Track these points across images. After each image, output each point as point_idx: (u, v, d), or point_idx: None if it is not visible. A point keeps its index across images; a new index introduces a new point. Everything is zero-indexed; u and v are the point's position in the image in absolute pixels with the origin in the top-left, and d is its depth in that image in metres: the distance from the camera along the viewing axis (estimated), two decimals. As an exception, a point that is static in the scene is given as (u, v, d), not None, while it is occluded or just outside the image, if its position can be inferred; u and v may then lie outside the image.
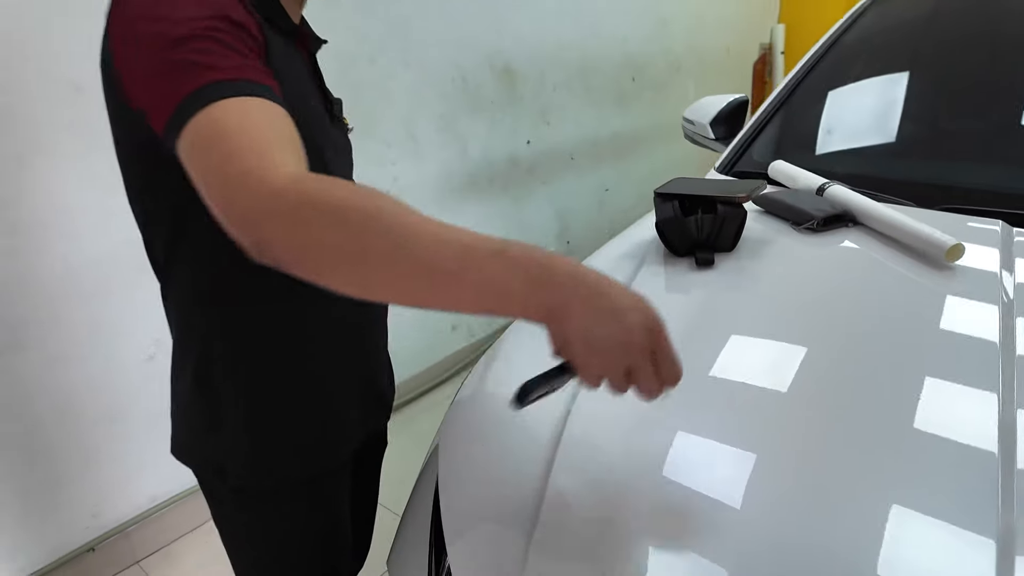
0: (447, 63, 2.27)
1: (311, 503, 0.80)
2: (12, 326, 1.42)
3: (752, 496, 0.58)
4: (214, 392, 0.73)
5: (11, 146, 1.35)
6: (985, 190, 1.03)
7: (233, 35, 0.55)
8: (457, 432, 0.82)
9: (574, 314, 0.45)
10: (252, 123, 0.50)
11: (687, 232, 0.93)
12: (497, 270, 0.45)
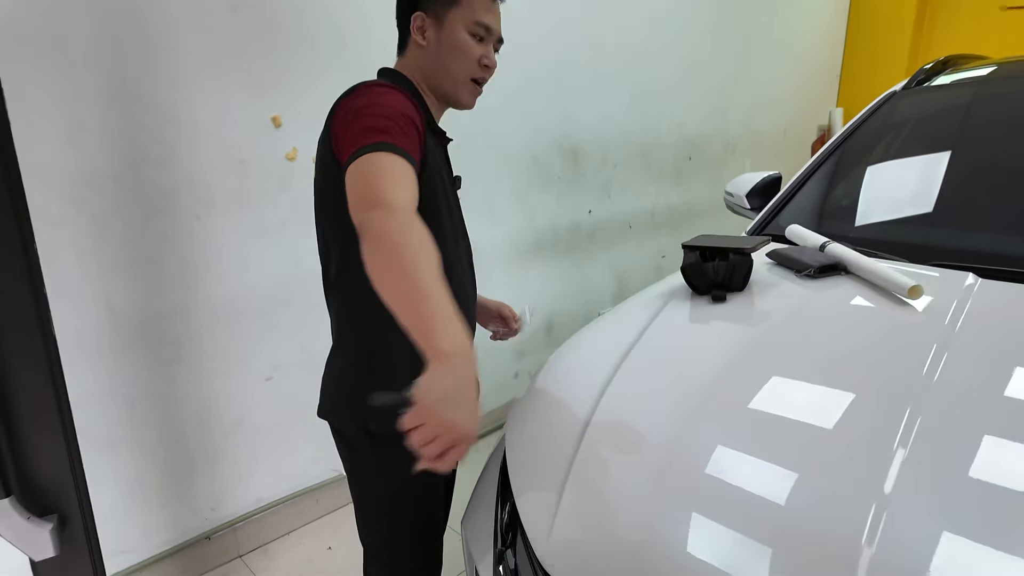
0: (522, 146, 2.66)
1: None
2: (177, 342, 1.81)
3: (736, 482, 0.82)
4: (367, 366, 1.03)
5: (191, 205, 1.78)
6: (961, 250, 1.25)
7: (408, 126, 0.90)
8: (518, 418, 1.10)
9: (443, 393, 0.65)
10: (393, 166, 0.83)
11: (706, 275, 1.20)
12: (410, 305, 0.72)
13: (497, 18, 1.10)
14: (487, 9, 1.07)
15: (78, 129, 1.55)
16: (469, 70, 1.07)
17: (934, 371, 0.87)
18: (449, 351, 0.68)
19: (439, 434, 0.65)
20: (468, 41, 1.06)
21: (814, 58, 4.72)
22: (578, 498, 0.83)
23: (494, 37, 1.10)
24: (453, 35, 1.05)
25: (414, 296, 0.72)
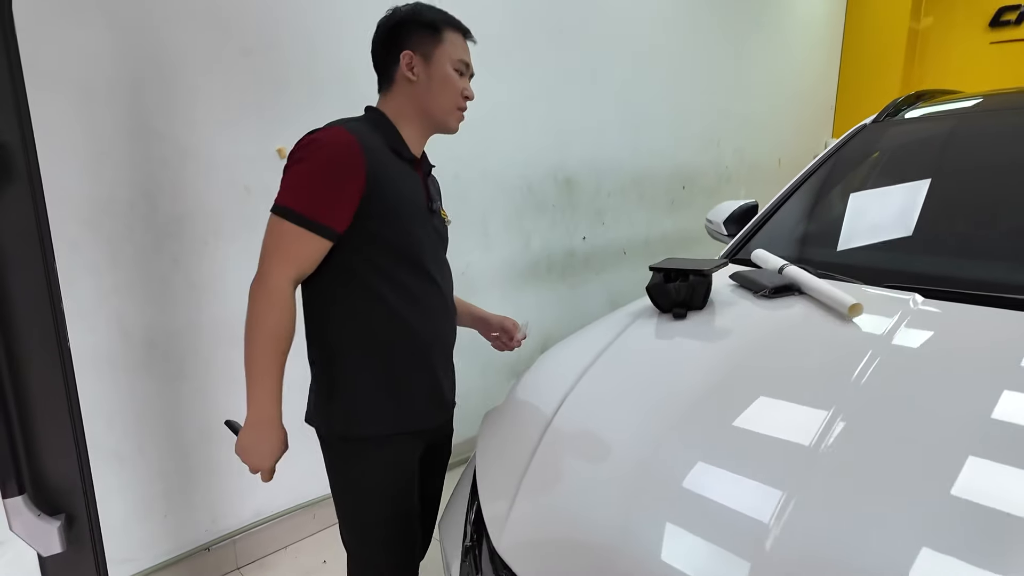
0: (517, 175, 2.79)
1: (390, 457, 1.20)
2: (182, 359, 1.92)
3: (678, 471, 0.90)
4: (334, 378, 1.16)
5: (201, 231, 1.91)
6: (910, 272, 1.33)
7: (339, 181, 1.06)
8: (488, 427, 1.19)
9: (243, 445, 1.12)
10: (287, 240, 1.06)
11: (668, 294, 1.29)
12: (251, 382, 1.08)
13: (470, 55, 1.24)
14: (464, 48, 1.22)
15: (100, 160, 1.69)
16: (455, 100, 1.21)
17: (861, 379, 0.95)
18: (253, 421, 1.10)
19: (253, 461, 1.11)
20: (453, 75, 1.20)
21: (808, 91, 4.86)
22: (533, 495, 0.92)
23: (470, 72, 1.24)
24: (441, 70, 1.18)
25: (250, 371, 1.08)
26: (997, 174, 1.54)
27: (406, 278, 1.15)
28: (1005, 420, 0.85)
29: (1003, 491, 0.75)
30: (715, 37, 3.79)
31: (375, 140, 1.13)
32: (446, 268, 1.30)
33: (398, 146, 1.17)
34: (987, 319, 1.12)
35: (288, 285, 1.07)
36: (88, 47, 1.63)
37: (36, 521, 1.21)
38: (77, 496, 1.29)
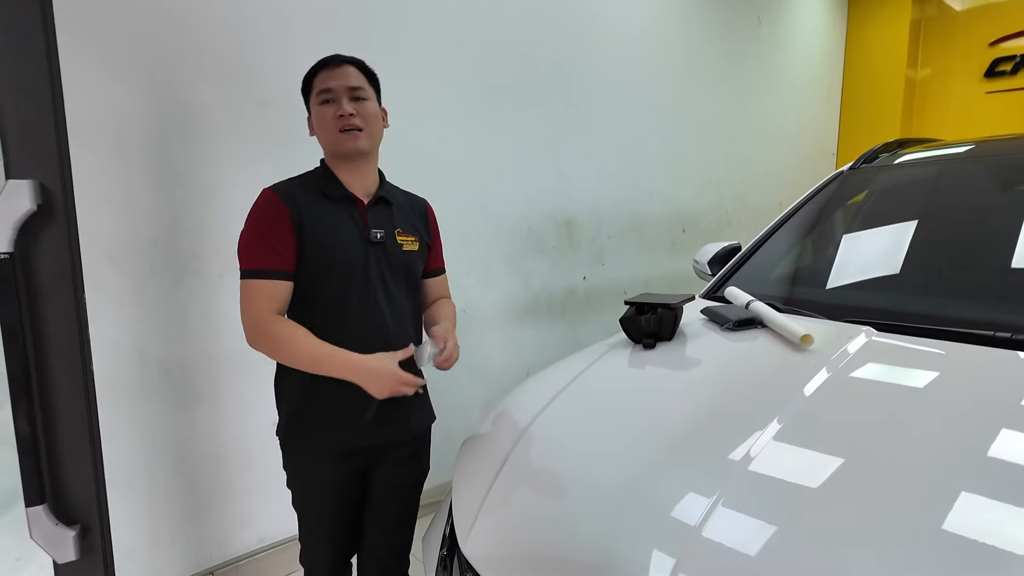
0: (518, 217, 2.93)
1: (326, 472, 1.40)
2: (196, 388, 2.05)
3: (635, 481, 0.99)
4: (280, 388, 1.42)
5: (217, 267, 2.06)
6: (864, 307, 1.43)
7: (272, 232, 1.27)
8: (465, 447, 1.28)
9: (370, 385, 1.23)
10: (254, 295, 1.27)
11: (639, 326, 1.39)
12: (331, 368, 1.23)
13: (342, 76, 1.31)
14: (326, 78, 1.32)
15: (128, 204, 1.86)
16: (332, 128, 1.32)
17: (809, 390, 1.05)
18: (361, 378, 1.25)
19: (388, 390, 1.24)
20: (322, 111, 1.33)
21: (809, 137, 5.01)
22: (496, 503, 1.01)
23: (342, 93, 1.31)
24: (315, 114, 1.35)
25: (318, 367, 1.26)
26: (955, 219, 1.64)
27: (333, 303, 1.31)
28: (932, 432, 0.94)
29: (916, 489, 0.83)
30: (714, 86, 3.97)
31: (302, 188, 1.33)
32: (397, 290, 1.39)
33: (327, 187, 1.34)
34: (932, 349, 1.21)
35: (271, 315, 1.28)
36: (120, 101, 1.82)
37: (54, 529, 1.33)
38: (92, 508, 1.41)
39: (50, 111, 1.24)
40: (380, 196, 1.41)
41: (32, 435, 1.28)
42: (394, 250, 1.39)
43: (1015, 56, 4.71)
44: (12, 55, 1.20)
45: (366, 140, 1.33)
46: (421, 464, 1.52)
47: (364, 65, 1.38)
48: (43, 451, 1.32)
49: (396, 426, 1.39)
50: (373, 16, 2.35)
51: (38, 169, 1.24)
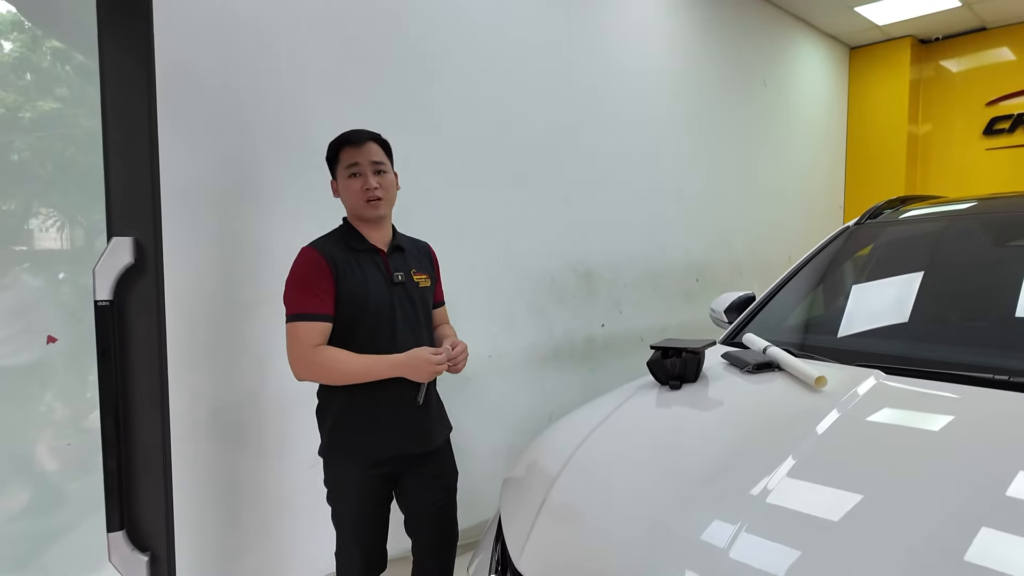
0: (540, 269, 3.10)
1: (357, 480, 1.64)
2: (243, 428, 2.17)
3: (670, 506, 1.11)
4: (320, 409, 1.67)
5: (267, 314, 2.22)
6: (872, 352, 1.55)
7: (316, 282, 1.53)
8: (511, 478, 1.40)
9: (408, 372, 1.51)
10: (298, 336, 1.54)
11: (665, 368, 1.52)
12: (381, 371, 1.53)
13: (366, 153, 1.59)
14: (353, 154, 1.59)
15: (196, 263, 2.04)
16: (358, 199, 1.60)
17: (821, 429, 1.17)
18: (408, 370, 1.54)
19: (429, 373, 1.54)
20: (350, 183, 1.60)
21: (816, 191, 5.20)
22: (546, 524, 1.13)
23: (367, 168, 1.58)
24: (343, 184, 1.63)
25: (372, 374, 1.54)
26: (956, 271, 1.78)
27: (362, 339, 1.57)
28: (933, 466, 1.05)
29: (919, 518, 0.94)
30: (723, 144, 4.19)
31: (334, 244, 1.62)
32: (416, 321, 1.67)
33: (352, 242, 1.63)
34: (936, 390, 1.33)
35: (316, 348, 1.55)
36: (191, 167, 2.02)
37: (130, 555, 1.44)
38: (161, 538, 1.52)
39: (148, 176, 1.43)
40: (396, 244, 1.71)
41: (117, 464, 1.41)
42: (412, 287, 1.68)
43: (1012, 115, 4.93)
44: (121, 126, 1.39)
45: (386, 207, 1.64)
46: (450, 471, 1.79)
47: (381, 139, 1.68)
48: (124, 480, 1.44)
49: (422, 436, 1.65)
50: (412, 95, 2.58)
51: (136, 227, 1.42)
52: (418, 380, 1.53)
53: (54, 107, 1.85)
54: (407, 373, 1.52)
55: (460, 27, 2.73)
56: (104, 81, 1.39)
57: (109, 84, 1.38)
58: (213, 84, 2.08)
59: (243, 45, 2.14)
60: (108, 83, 1.38)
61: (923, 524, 0.94)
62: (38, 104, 1.81)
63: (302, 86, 2.28)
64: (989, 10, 4.67)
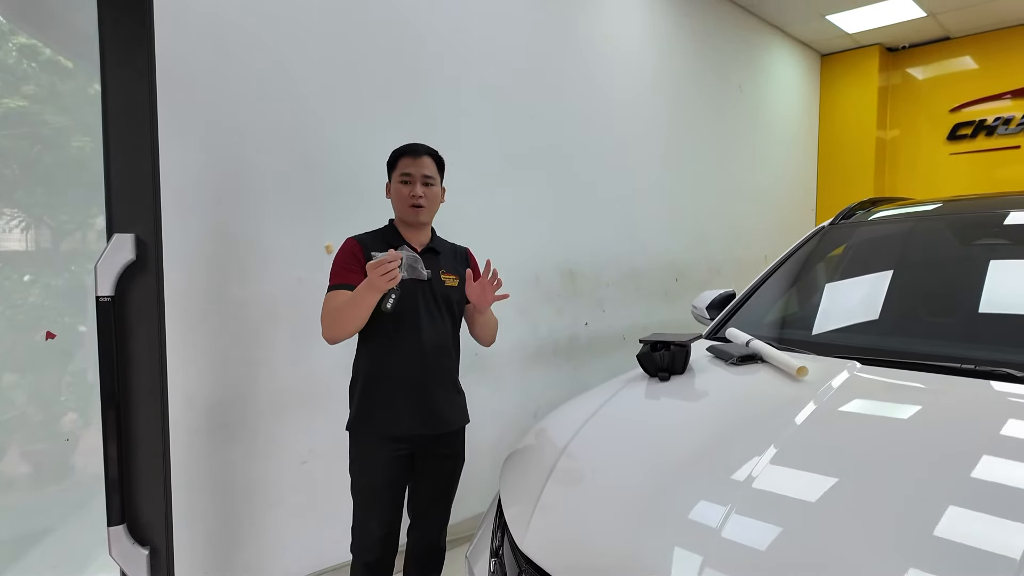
0: (526, 269, 3.15)
1: (376, 452, 1.78)
2: (234, 426, 2.19)
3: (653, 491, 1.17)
4: (351, 390, 1.82)
5: (260, 314, 2.23)
6: (847, 345, 1.64)
7: (349, 262, 1.75)
8: (510, 461, 1.45)
9: (369, 286, 1.57)
10: (332, 300, 1.70)
11: (654, 360, 1.59)
12: (360, 295, 1.60)
13: (420, 165, 1.77)
14: (407, 164, 1.77)
15: (188, 260, 2.05)
16: (405, 204, 1.78)
17: (800, 419, 1.24)
18: (364, 283, 1.61)
19: (381, 279, 1.55)
20: (400, 188, 1.78)
21: (789, 195, 5.35)
22: (547, 507, 1.18)
23: (417, 179, 1.76)
24: (394, 188, 1.81)
25: (356, 297, 1.62)
26: (924, 268, 1.88)
27: (387, 328, 1.74)
28: (910, 447, 1.13)
29: (893, 497, 1.01)
30: (701, 148, 4.30)
31: (372, 238, 1.81)
32: (438, 315, 1.81)
33: (391, 240, 1.80)
34: (907, 380, 1.42)
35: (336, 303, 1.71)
36: (189, 167, 2.04)
37: (131, 549, 1.46)
38: (161, 532, 1.54)
39: (149, 174, 1.45)
40: (430, 247, 1.87)
41: (118, 458, 1.42)
42: (438, 285, 1.83)
43: (974, 121, 5.14)
44: (123, 124, 1.42)
45: (427, 215, 1.82)
46: (458, 458, 1.93)
47: (438, 155, 1.85)
48: (125, 474, 1.46)
49: (433, 419, 1.80)
50: (403, 98, 2.62)
51: (137, 224, 1.44)
52: (378, 289, 1.59)
53: (20, 105, 1.82)
54: (370, 285, 1.59)
55: (450, 32, 2.78)
56: (105, 79, 1.41)
57: (111, 81, 1.40)
58: (211, 83, 2.09)
59: (242, 46, 2.16)
60: (110, 80, 1.40)
61: (894, 503, 1.01)
62: (3, 101, 1.78)
63: (299, 87, 2.31)
64: (953, 20, 4.87)
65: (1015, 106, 4.95)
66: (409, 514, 1.97)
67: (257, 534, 2.26)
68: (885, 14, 4.71)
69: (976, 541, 0.91)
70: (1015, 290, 1.69)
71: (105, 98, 1.41)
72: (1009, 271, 1.76)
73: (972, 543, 0.91)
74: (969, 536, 0.93)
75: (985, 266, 1.76)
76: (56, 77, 1.89)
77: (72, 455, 1.91)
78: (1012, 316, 1.65)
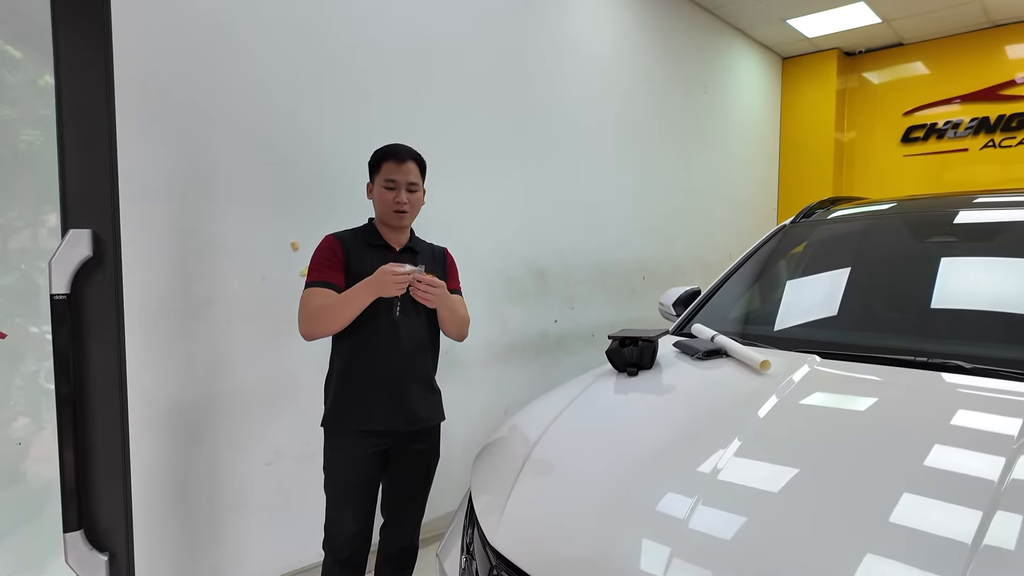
0: (496, 268, 3.16)
1: (352, 448, 1.79)
2: (197, 428, 2.13)
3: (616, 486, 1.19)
4: (328, 388, 1.81)
5: (223, 313, 2.19)
6: (812, 340, 1.69)
7: (330, 260, 1.75)
8: (481, 455, 1.45)
9: (375, 290, 1.62)
10: (309, 298, 1.70)
11: (622, 356, 1.61)
12: (358, 295, 1.65)
13: (405, 172, 1.77)
14: (392, 171, 1.77)
15: (149, 256, 1.99)
16: (388, 208, 1.79)
17: (763, 413, 1.27)
18: (371, 290, 1.64)
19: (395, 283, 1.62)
20: (384, 193, 1.78)
21: (752, 194, 5.48)
22: (518, 502, 1.18)
23: (402, 186, 1.77)
24: (377, 191, 1.81)
25: (351, 297, 1.65)
26: (881, 265, 1.94)
27: (365, 324, 1.73)
28: (866, 437, 1.17)
29: (851, 486, 1.05)
30: (667, 148, 4.36)
31: (352, 236, 1.82)
32: (414, 313, 1.81)
33: (370, 238, 1.83)
34: (865, 372, 1.47)
35: (321, 301, 1.71)
36: (150, 162, 1.98)
37: (88, 555, 1.41)
38: (121, 538, 1.50)
39: (106, 168, 1.40)
40: (408, 246, 1.89)
41: (74, 462, 1.38)
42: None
43: (926, 124, 5.34)
44: (79, 117, 1.37)
45: (409, 219, 1.84)
46: (433, 454, 1.94)
47: (421, 159, 1.86)
48: (82, 479, 1.41)
49: (409, 415, 1.80)
50: (370, 96, 2.59)
51: (94, 219, 1.39)
52: (388, 295, 1.64)
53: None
54: (377, 289, 1.63)
55: (418, 31, 2.76)
56: (59, 69, 1.35)
57: (65, 72, 1.35)
58: (173, 74, 2.03)
59: (206, 35, 2.10)
60: (64, 71, 1.35)
61: (852, 492, 1.05)
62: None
63: (266, 80, 2.26)
64: (906, 27, 5.04)
65: (963, 110, 5.16)
66: (382, 512, 1.96)
67: (223, 537, 2.21)
68: (843, 19, 4.86)
69: (931, 527, 0.95)
70: (964, 286, 1.77)
71: (59, 90, 1.36)
72: (958, 268, 1.84)
73: (927, 529, 0.95)
74: (924, 523, 0.97)
75: (937, 263, 1.84)
76: (3, 68, 1.82)
77: (23, 461, 1.84)
78: (961, 311, 1.72)
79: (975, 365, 1.42)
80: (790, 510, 1.03)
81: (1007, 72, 4.96)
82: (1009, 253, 1.77)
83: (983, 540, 0.90)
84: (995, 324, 1.63)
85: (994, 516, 0.94)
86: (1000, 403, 1.28)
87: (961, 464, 1.09)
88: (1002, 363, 1.42)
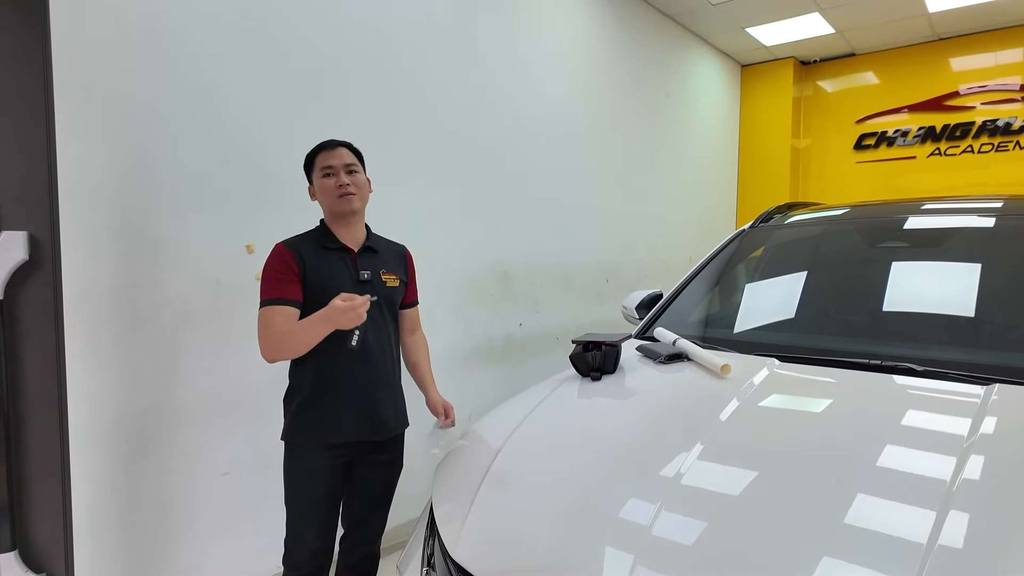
0: (460, 271, 3.12)
1: (317, 461, 1.71)
2: (146, 439, 2.04)
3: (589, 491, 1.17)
4: (290, 401, 1.72)
5: (171, 318, 2.10)
6: (770, 343, 1.71)
7: (284, 273, 1.64)
8: (444, 464, 1.42)
9: (333, 321, 1.52)
10: (269, 318, 1.61)
11: (586, 361, 1.60)
12: (314, 326, 1.56)
13: (339, 156, 1.71)
14: (327, 158, 1.71)
15: (92, 260, 1.88)
16: (332, 195, 1.71)
17: (724, 416, 1.28)
18: (329, 320, 1.54)
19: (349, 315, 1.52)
20: (324, 182, 1.71)
21: (712, 199, 5.58)
22: (480, 511, 1.16)
23: (340, 168, 1.70)
24: (318, 185, 1.74)
25: (307, 329, 1.58)
26: (835, 269, 1.99)
27: (328, 338, 1.61)
28: (824, 440, 1.19)
29: (808, 488, 1.06)
30: (629, 153, 4.40)
31: (305, 242, 1.72)
32: (380, 317, 1.76)
33: (325, 242, 1.73)
34: (822, 375, 1.49)
35: (276, 326, 1.63)
36: (93, 160, 1.88)
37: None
38: (59, 557, 1.42)
39: (44, 167, 1.33)
40: (368, 246, 1.80)
41: (7, 478, 1.30)
42: (379, 286, 1.78)
43: (877, 132, 5.53)
44: (14, 113, 1.29)
45: (358, 202, 1.73)
46: (396, 463, 1.90)
47: (353, 146, 1.79)
48: (16, 498, 1.33)
49: (377, 424, 1.76)
50: (331, 97, 2.53)
51: (30, 220, 1.32)
52: (343, 325, 1.55)
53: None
54: (336, 323, 1.54)
55: (379, 31, 2.71)
56: (-8, 61, 1.27)
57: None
58: (117, 68, 1.94)
59: (153, 27, 2.02)
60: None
61: (811, 494, 1.06)
62: None
63: (219, 75, 2.18)
64: (858, 38, 5.21)
65: (911, 119, 5.36)
66: (343, 523, 1.90)
67: (174, 553, 2.11)
68: (798, 29, 4.99)
69: (888, 529, 0.96)
70: (915, 290, 1.82)
71: (-9, 81, 1.28)
72: (909, 272, 1.89)
73: (884, 531, 0.96)
74: (881, 524, 0.98)
75: (888, 268, 1.89)
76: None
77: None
78: (912, 314, 1.77)
79: (926, 368, 1.46)
80: (751, 514, 1.03)
81: (951, 84, 5.18)
82: (956, 258, 1.83)
83: (937, 540, 0.91)
84: (944, 327, 1.68)
85: (947, 516, 0.96)
86: (950, 404, 1.31)
87: (914, 465, 1.12)
88: (951, 365, 1.47)
